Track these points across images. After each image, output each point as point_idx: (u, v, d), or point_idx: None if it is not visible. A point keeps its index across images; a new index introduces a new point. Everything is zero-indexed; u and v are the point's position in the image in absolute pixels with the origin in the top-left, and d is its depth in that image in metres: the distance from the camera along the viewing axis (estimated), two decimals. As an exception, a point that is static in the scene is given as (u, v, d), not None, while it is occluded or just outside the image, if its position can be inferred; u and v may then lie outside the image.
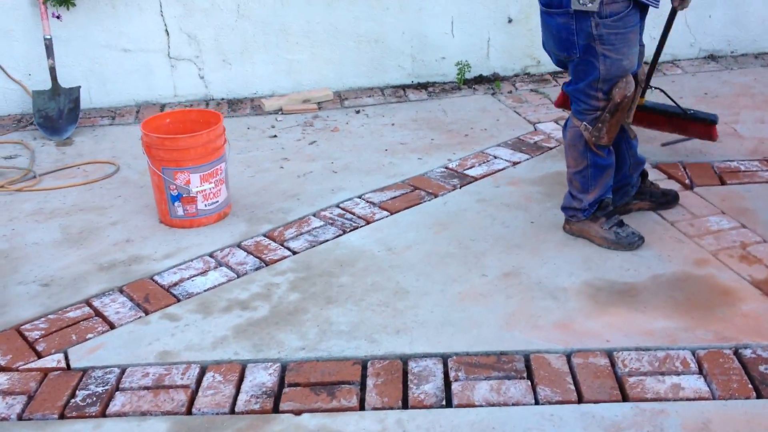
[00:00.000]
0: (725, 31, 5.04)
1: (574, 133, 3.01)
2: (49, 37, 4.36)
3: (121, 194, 3.71)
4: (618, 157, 3.16)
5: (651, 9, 2.84)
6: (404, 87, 4.96)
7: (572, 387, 2.35)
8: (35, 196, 3.72)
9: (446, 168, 3.84)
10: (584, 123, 2.96)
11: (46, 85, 4.50)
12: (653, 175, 3.57)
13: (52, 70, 4.40)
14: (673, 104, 3.71)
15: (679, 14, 4.87)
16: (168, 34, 4.65)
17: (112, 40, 4.60)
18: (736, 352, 2.46)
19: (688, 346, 2.51)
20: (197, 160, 3.31)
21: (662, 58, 5.00)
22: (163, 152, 3.28)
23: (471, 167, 3.83)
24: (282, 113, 4.63)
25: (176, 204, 3.35)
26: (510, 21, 4.92)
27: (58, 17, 4.40)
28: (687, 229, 3.16)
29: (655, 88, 3.74)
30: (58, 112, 4.38)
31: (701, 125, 3.70)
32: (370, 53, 4.89)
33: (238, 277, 3.01)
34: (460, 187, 3.63)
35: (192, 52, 4.71)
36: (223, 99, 4.84)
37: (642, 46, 3.09)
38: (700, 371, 2.40)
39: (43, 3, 4.34)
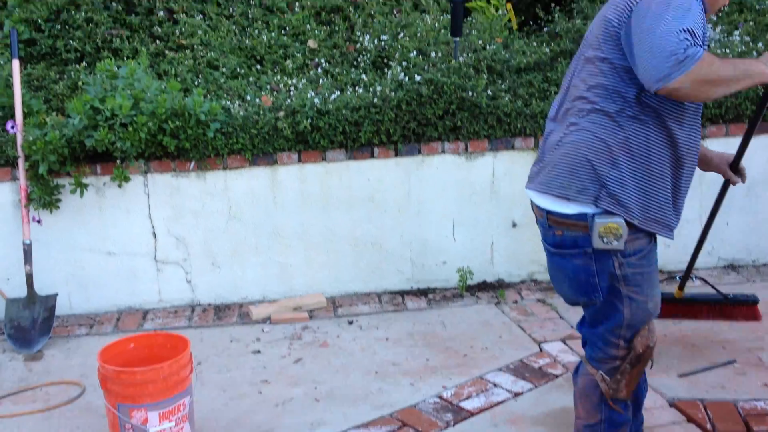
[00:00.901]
0: (745, 240, 4.76)
1: (589, 383, 2.63)
2: (28, 241, 4.18)
3: (79, 425, 3.37)
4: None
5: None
6: (403, 293, 4.67)
7: None
8: (-14, 424, 3.40)
9: (440, 398, 3.47)
10: (600, 372, 2.58)
11: (25, 290, 4.27)
12: (669, 416, 3.18)
13: (29, 277, 4.19)
14: (712, 291, 3.77)
15: (695, 221, 4.67)
16: (155, 236, 4.46)
17: (96, 244, 4.41)
18: None
19: None
20: (156, 395, 2.97)
21: (678, 266, 4.75)
22: (119, 387, 2.96)
23: (467, 397, 3.46)
24: (270, 323, 4.34)
25: (131, 446, 2.99)
26: (514, 225, 4.69)
27: (38, 222, 4.24)
28: (711, 493, 2.73)
29: (698, 278, 3.83)
30: (31, 322, 4.13)
31: (743, 308, 3.72)
32: (367, 257, 4.66)
33: None
34: (454, 425, 3.25)
35: (180, 255, 4.50)
36: (210, 304, 4.57)
37: None
38: None
39: (26, 206, 4.19)
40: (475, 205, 4.66)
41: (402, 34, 5.14)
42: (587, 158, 2.42)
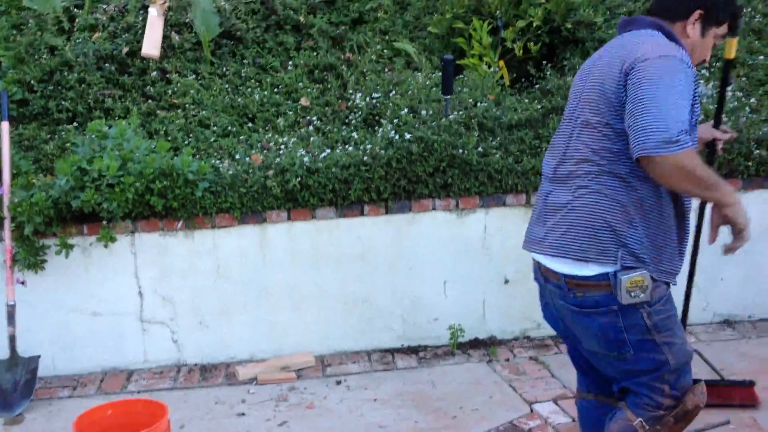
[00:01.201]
0: (740, 295, 4.69)
1: (624, 428, 2.59)
2: (12, 303, 4.14)
3: (54, 492, 3.29)
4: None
5: None
6: (393, 351, 4.60)
7: None
8: (-40, 492, 3.31)
9: (426, 462, 3.39)
10: (641, 420, 2.55)
11: (7, 352, 4.21)
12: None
13: (12, 339, 4.13)
14: (709, 371, 3.69)
15: (683, 274, 4.58)
16: (142, 296, 4.42)
17: (82, 304, 4.37)
18: None
19: None
20: (132, 463, 2.91)
21: (673, 322, 4.65)
22: (94, 455, 2.90)
23: (454, 462, 3.37)
24: (256, 383, 4.26)
25: None
26: (507, 282, 4.63)
27: (22, 283, 4.20)
28: None
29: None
30: (12, 385, 4.06)
31: (741, 390, 3.68)
32: (358, 314, 4.59)
33: None
34: (439, 491, 3.16)
35: (166, 314, 4.45)
36: (196, 364, 4.50)
37: None
38: None
39: (10, 267, 4.15)
40: (466, 261, 4.61)
41: (394, 92, 5.14)
42: (606, 220, 2.45)
